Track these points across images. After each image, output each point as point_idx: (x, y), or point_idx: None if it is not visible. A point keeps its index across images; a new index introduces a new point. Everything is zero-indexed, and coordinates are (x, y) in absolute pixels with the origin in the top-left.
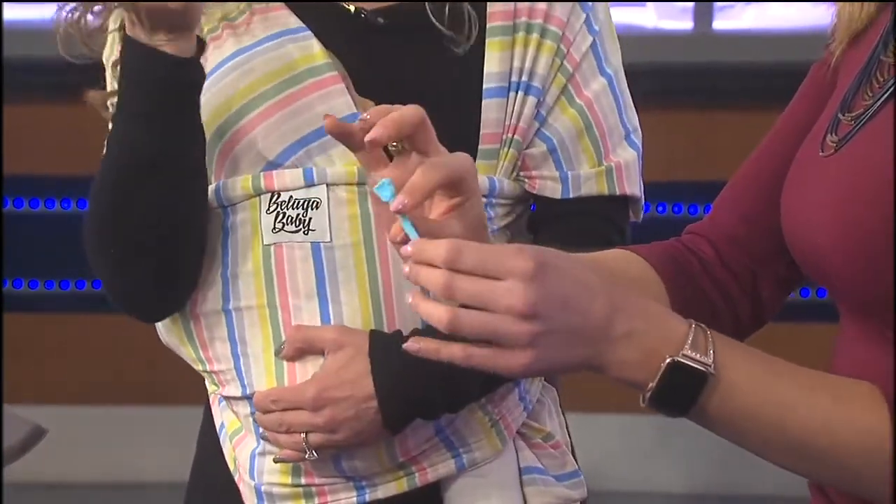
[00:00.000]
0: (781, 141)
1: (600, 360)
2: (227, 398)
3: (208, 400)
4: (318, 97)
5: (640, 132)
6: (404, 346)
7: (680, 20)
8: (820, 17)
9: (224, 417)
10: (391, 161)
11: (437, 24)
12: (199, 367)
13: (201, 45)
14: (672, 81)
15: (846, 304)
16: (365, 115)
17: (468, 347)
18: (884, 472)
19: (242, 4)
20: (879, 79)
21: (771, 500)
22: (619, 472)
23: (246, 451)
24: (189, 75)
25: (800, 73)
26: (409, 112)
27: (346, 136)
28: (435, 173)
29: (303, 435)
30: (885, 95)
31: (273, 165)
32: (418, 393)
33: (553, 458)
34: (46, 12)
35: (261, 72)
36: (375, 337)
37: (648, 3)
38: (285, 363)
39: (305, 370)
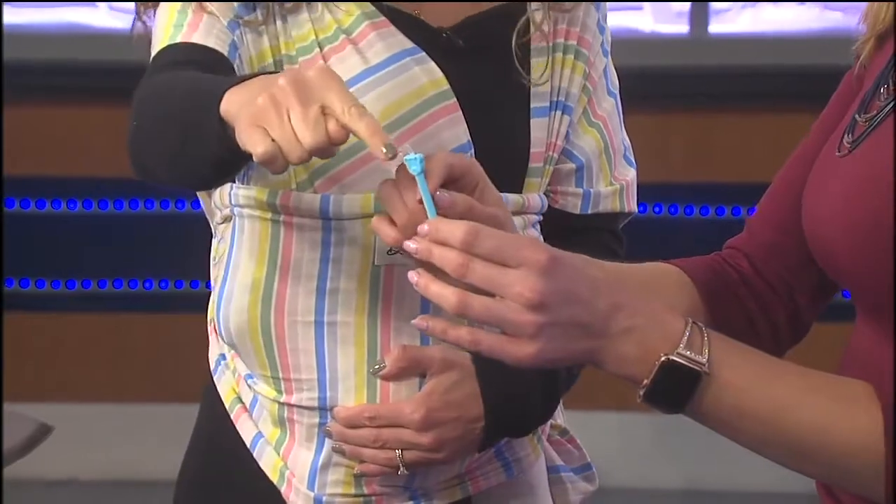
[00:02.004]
0: (813, 148)
1: (600, 355)
2: (288, 405)
3: (209, 403)
4: (444, 123)
5: (631, 150)
6: (413, 322)
7: (676, 24)
8: (815, 20)
9: (261, 427)
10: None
11: (516, 62)
12: (265, 372)
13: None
14: (668, 85)
15: (860, 303)
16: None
17: (476, 332)
18: (876, 470)
19: (354, 15)
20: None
21: (769, 497)
22: (617, 469)
23: (302, 462)
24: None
25: (795, 76)
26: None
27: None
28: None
29: (398, 451)
30: None
31: None
32: (520, 414)
33: (570, 453)
34: (47, 16)
35: (394, 96)
36: (479, 359)
37: (645, 6)
38: (378, 381)
39: (399, 389)
